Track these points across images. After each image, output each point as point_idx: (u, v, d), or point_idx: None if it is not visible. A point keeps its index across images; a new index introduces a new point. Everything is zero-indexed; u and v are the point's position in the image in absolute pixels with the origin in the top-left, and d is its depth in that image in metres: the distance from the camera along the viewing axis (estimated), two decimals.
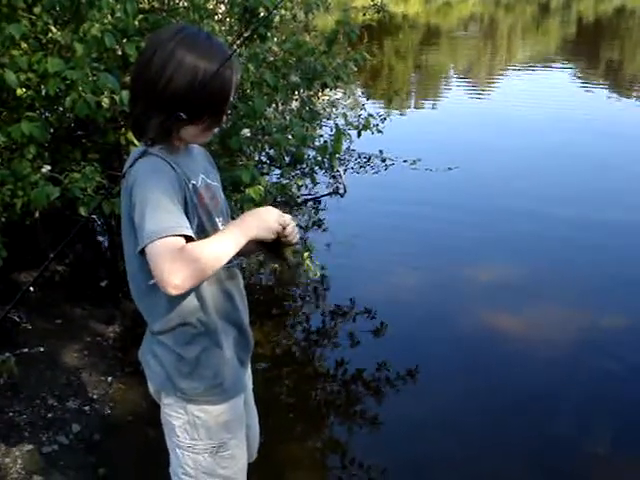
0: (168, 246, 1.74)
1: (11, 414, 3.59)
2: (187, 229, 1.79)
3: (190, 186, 1.94)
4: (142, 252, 1.80)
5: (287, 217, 2.01)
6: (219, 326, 2.06)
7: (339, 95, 8.44)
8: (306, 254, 4.08)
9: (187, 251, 1.74)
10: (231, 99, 1.98)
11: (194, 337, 2.02)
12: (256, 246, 2.03)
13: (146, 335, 2.14)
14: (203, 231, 1.94)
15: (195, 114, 1.90)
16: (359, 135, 4.94)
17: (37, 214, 3.93)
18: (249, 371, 2.36)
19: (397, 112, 10.25)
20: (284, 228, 1.98)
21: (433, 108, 11.42)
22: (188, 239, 1.78)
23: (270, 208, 2.01)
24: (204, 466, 2.13)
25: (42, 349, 4.11)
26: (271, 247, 2.03)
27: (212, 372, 2.06)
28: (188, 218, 1.86)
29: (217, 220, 2.04)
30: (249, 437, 2.35)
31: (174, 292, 1.73)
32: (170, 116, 1.86)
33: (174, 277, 1.71)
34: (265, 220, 1.95)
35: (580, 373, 4.23)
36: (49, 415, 3.64)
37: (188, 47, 1.88)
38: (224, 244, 1.84)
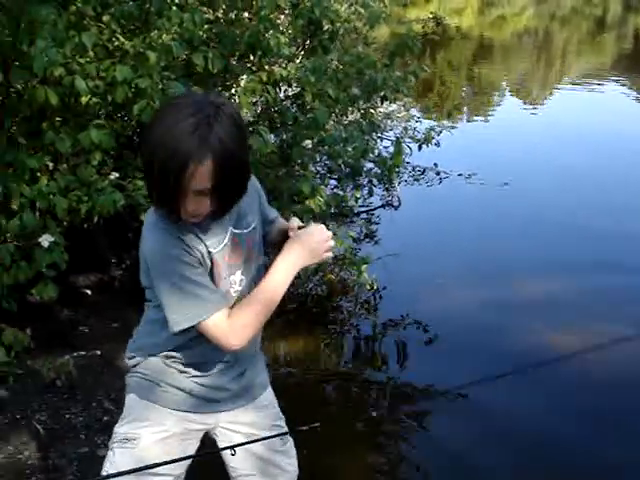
0: (215, 323, 1.83)
1: (68, 416, 3.64)
2: (219, 302, 1.85)
3: (203, 253, 1.85)
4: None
5: (332, 243, 1.98)
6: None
7: (394, 107, 8.38)
8: (364, 266, 4.06)
9: (235, 320, 1.84)
10: (196, 189, 1.68)
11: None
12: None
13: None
14: None
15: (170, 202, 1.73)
16: (420, 148, 4.91)
17: (96, 219, 3.98)
18: (270, 413, 2.25)
19: (451, 125, 10.18)
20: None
21: (487, 121, 11.29)
22: None
23: (321, 234, 1.95)
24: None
25: (99, 352, 4.16)
26: None
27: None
28: None
29: (233, 277, 1.96)
30: None
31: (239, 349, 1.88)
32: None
33: (233, 344, 1.85)
34: (315, 249, 1.93)
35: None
36: (105, 418, 3.67)
37: (161, 119, 1.69)
38: (273, 291, 1.88)
